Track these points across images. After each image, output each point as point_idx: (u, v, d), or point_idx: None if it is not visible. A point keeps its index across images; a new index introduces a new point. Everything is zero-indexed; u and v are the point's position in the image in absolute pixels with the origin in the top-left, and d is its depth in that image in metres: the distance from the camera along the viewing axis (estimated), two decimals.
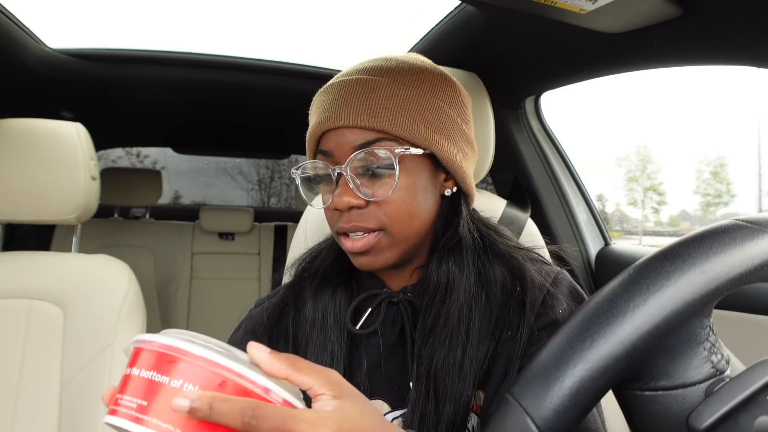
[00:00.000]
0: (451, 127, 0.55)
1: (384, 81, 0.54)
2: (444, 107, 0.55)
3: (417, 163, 0.54)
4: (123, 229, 2.15)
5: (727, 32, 0.73)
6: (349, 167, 0.52)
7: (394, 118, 0.52)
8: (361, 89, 0.53)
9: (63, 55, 1.33)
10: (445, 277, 0.54)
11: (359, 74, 0.55)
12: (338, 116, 0.52)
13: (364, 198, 0.52)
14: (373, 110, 0.52)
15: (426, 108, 0.54)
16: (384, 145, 0.52)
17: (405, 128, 0.52)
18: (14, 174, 0.98)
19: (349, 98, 0.53)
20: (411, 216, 0.53)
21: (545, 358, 0.28)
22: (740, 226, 0.28)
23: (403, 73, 0.55)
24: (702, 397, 0.28)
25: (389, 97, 0.52)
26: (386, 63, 0.57)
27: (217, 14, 1.91)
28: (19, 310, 0.94)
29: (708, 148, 5.85)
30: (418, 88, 0.54)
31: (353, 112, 0.52)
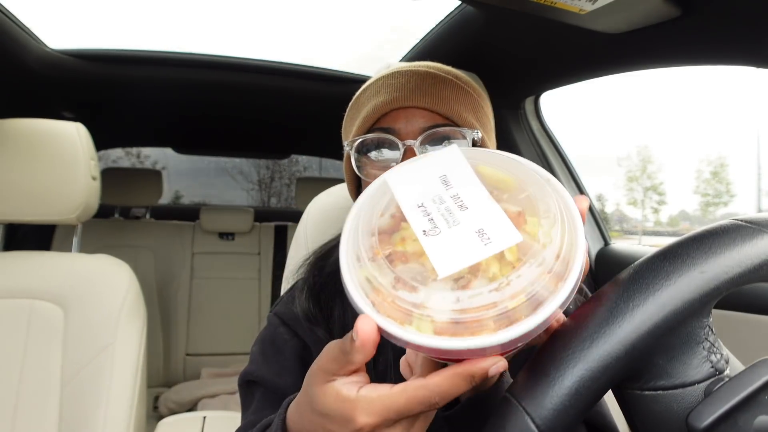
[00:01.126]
0: (491, 132, 0.64)
1: (449, 78, 0.61)
2: (489, 113, 0.65)
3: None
4: (123, 229, 2.16)
5: (727, 32, 0.73)
6: (419, 142, 0.57)
7: (459, 110, 0.59)
8: (431, 79, 0.60)
9: (63, 56, 1.33)
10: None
11: (426, 67, 0.62)
12: (413, 97, 0.58)
13: None
14: (443, 99, 0.58)
15: (478, 110, 0.62)
16: (448, 130, 0.58)
17: (466, 122, 0.59)
18: (15, 174, 0.99)
19: (422, 84, 0.59)
20: None
21: (545, 357, 0.28)
22: (739, 226, 0.28)
23: (460, 77, 0.63)
24: (701, 396, 0.28)
25: (454, 91, 0.60)
26: (444, 67, 0.64)
27: (218, 14, 1.91)
28: (20, 309, 0.94)
29: (708, 148, 5.84)
30: (472, 93, 0.62)
31: (427, 95, 0.58)
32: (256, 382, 0.62)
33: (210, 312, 2.21)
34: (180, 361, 2.16)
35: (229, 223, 2.29)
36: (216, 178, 3.61)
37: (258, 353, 0.64)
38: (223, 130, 2.20)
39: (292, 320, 0.64)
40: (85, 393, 0.90)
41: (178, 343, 2.17)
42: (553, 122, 1.35)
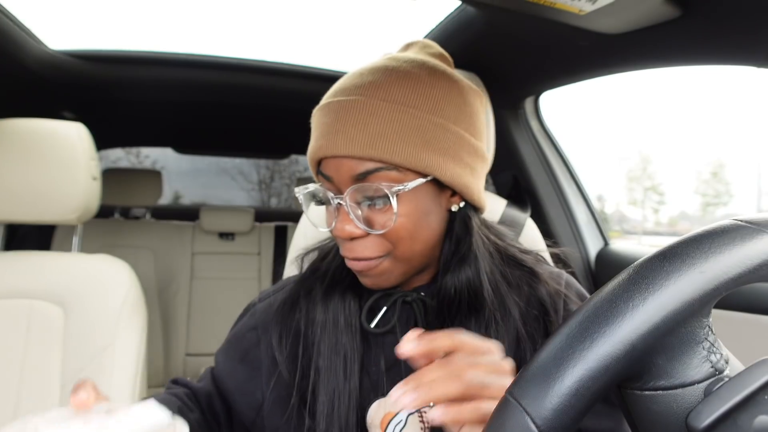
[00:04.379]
0: (456, 145, 0.52)
1: (382, 104, 0.50)
2: (448, 125, 0.51)
3: (419, 188, 0.51)
4: (123, 229, 2.16)
5: (727, 32, 0.73)
6: (349, 197, 0.50)
7: (393, 145, 0.49)
8: (357, 113, 0.50)
9: (63, 56, 1.33)
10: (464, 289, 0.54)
11: (357, 93, 0.51)
12: (336, 144, 0.50)
13: (364, 229, 0.51)
14: (370, 138, 0.49)
15: (428, 129, 0.50)
16: (383, 175, 0.49)
17: (404, 156, 0.49)
18: (15, 174, 0.99)
19: (346, 124, 0.50)
20: (413, 240, 0.52)
21: (545, 357, 0.28)
22: (739, 226, 0.28)
23: (404, 90, 0.51)
24: (701, 396, 0.28)
25: (388, 121, 0.49)
26: (385, 77, 0.52)
27: (218, 15, 1.91)
28: (20, 310, 0.94)
29: (708, 148, 5.84)
30: (420, 107, 0.50)
31: (350, 140, 0.49)
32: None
33: (210, 312, 2.21)
34: (180, 361, 2.16)
35: (229, 223, 2.29)
36: (216, 178, 3.61)
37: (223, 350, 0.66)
38: (223, 130, 2.20)
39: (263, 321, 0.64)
40: None
41: (178, 343, 2.17)
42: (554, 122, 1.35)
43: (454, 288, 0.54)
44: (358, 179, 0.50)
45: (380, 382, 0.56)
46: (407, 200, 0.51)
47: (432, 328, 0.55)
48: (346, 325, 0.57)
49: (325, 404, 0.55)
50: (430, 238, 0.54)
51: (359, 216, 0.51)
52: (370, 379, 0.57)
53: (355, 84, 0.53)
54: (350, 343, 0.57)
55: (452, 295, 0.54)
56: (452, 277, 0.55)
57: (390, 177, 0.50)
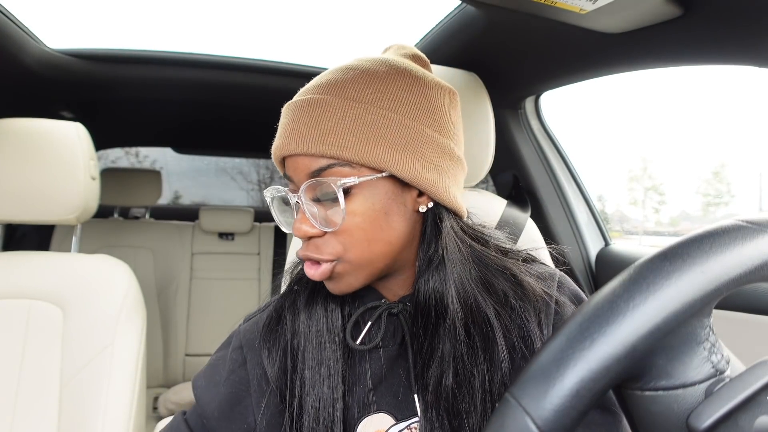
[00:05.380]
0: (416, 141, 0.50)
1: (335, 100, 0.49)
2: (406, 120, 0.50)
3: (375, 185, 0.50)
4: (123, 229, 2.15)
5: (727, 32, 0.73)
6: (303, 195, 0.50)
7: (344, 141, 0.48)
8: (311, 111, 0.49)
9: (63, 55, 1.33)
10: (431, 296, 0.52)
11: (314, 91, 0.51)
12: (290, 143, 0.50)
13: (320, 227, 0.50)
14: (321, 135, 0.48)
15: (382, 124, 0.49)
16: (335, 171, 0.48)
17: (355, 151, 0.48)
18: (14, 174, 0.98)
19: (299, 122, 0.50)
20: (370, 241, 0.50)
21: (545, 358, 0.28)
22: (740, 226, 0.28)
23: (359, 86, 0.50)
24: (702, 397, 0.28)
25: (340, 117, 0.48)
26: (343, 75, 0.51)
27: (218, 15, 1.91)
28: (19, 310, 0.94)
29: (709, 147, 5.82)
30: (374, 103, 0.49)
31: (302, 138, 0.49)
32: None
33: (210, 312, 2.21)
34: (180, 362, 2.16)
35: (229, 223, 2.29)
36: (216, 178, 3.61)
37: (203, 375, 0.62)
38: (223, 130, 2.20)
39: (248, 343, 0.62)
40: (85, 394, 0.90)
41: (178, 343, 2.17)
42: (554, 122, 1.35)
43: (424, 295, 0.53)
44: (312, 176, 0.49)
45: (369, 399, 0.55)
46: (362, 198, 0.49)
47: (417, 338, 0.53)
48: (329, 335, 0.56)
49: (310, 416, 0.54)
50: (392, 239, 0.52)
51: (314, 214, 0.50)
52: (358, 396, 0.55)
53: (315, 84, 0.53)
54: (333, 354, 0.55)
55: (423, 302, 0.53)
56: (423, 283, 0.53)
57: (343, 173, 0.48)
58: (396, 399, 0.55)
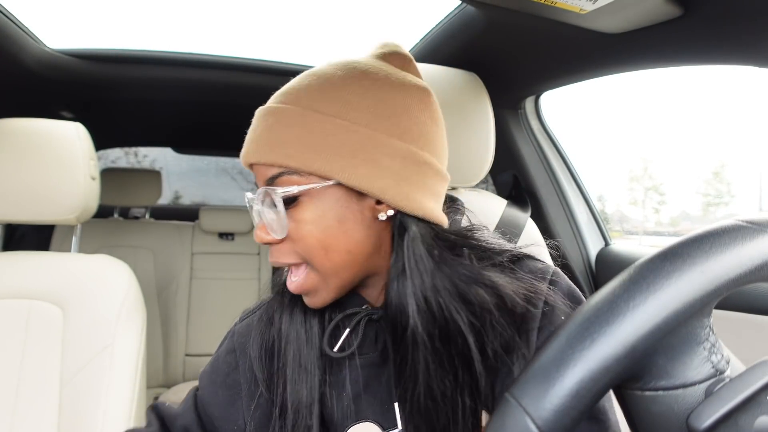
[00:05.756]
0: (367, 148, 0.48)
1: (289, 109, 0.50)
2: (356, 127, 0.49)
3: (323, 194, 0.49)
4: (123, 229, 2.16)
5: (727, 32, 0.73)
6: (258, 203, 0.51)
7: (291, 149, 0.48)
8: (267, 120, 0.51)
9: (63, 55, 1.33)
10: (396, 306, 0.51)
11: (276, 99, 0.52)
12: (248, 151, 0.51)
13: (273, 235, 0.51)
14: (272, 144, 0.49)
15: (331, 133, 0.48)
16: (284, 180, 0.49)
17: (301, 160, 0.48)
18: (14, 174, 0.98)
19: (257, 131, 0.51)
20: (326, 249, 0.50)
21: (545, 358, 0.28)
22: (740, 226, 0.28)
23: (313, 94, 0.50)
24: (702, 397, 0.28)
25: (290, 126, 0.49)
26: (303, 82, 0.52)
27: (218, 14, 1.91)
28: (19, 310, 0.94)
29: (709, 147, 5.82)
30: (324, 110, 0.49)
31: (257, 147, 0.50)
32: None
33: (210, 312, 2.21)
34: (180, 362, 2.16)
35: (229, 223, 2.29)
36: (215, 178, 3.60)
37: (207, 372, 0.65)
38: (223, 130, 2.20)
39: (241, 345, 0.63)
40: (85, 393, 0.90)
41: (178, 343, 2.17)
42: (554, 122, 1.35)
43: (391, 304, 0.51)
44: (266, 184, 0.50)
45: (351, 406, 0.55)
46: (312, 206, 0.49)
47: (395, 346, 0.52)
48: (309, 343, 0.56)
49: (289, 417, 0.54)
50: (350, 247, 0.51)
51: (270, 221, 0.51)
52: (342, 402, 0.55)
53: (280, 91, 0.54)
54: (314, 363, 0.55)
55: (392, 311, 0.51)
56: (390, 292, 0.51)
57: (292, 182, 0.49)
58: (382, 407, 0.55)
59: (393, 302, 0.51)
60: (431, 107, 0.54)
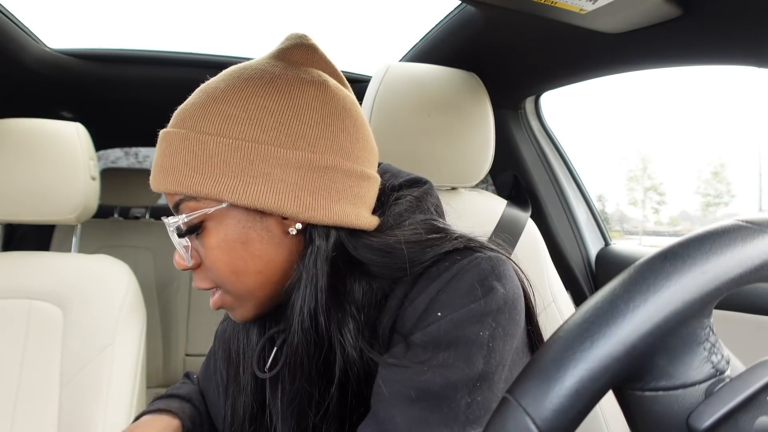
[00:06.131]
0: (256, 163, 0.45)
1: (177, 133, 0.47)
2: (241, 143, 0.45)
3: (222, 217, 0.47)
4: (123, 229, 2.16)
5: (728, 32, 0.73)
6: (170, 230, 0.49)
7: (180, 176, 0.46)
8: (161, 147, 0.49)
9: (63, 55, 1.33)
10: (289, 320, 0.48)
11: (170, 123, 0.51)
12: (151, 180, 0.49)
13: (185, 261, 0.50)
14: (164, 171, 0.47)
15: (215, 153, 0.45)
16: (184, 207, 0.47)
17: (190, 185, 0.45)
18: (14, 174, 0.98)
19: (156, 158, 0.49)
20: (236, 273, 0.48)
21: (545, 358, 0.28)
22: (740, 226, 0.28)
23: (198, 112, 0.47)
24: (702, 397, 0.28)
25: (177, 151, 0.46)
26: (192, 100, 0.50)
27: (218, 14, 1.91)
28: (19, 310, 0.94)
29: (709, 148, 5.83)
30: (207, 130, 0.46)
31: (154, 175, 0.49)
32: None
33: (210, 312, 2.20)
34: (180, 362, 2.16)
35: None
36: None
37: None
38: None
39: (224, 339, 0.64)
40: (85, 393, 0.90)
41: (178, 343, 2.17)
42: (554, 122, 1.35)
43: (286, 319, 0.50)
44: (175, 212, 0.49)
45: (276, 426, 0.54)
46: (214, 231, 0.47)
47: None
48: (244, 355, 0.57)
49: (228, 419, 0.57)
50: (260, 268, 0.48)
51: (184, 248, 0.50)
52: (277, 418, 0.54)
53: (174, 113, 0.51)
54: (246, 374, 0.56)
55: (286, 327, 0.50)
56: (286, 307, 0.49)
57: (190, 207, 0.47)
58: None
59: (288, 317, 0.48)
60: (331, 103, 0.49)
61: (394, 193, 0.54)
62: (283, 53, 0.52)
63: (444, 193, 1.01)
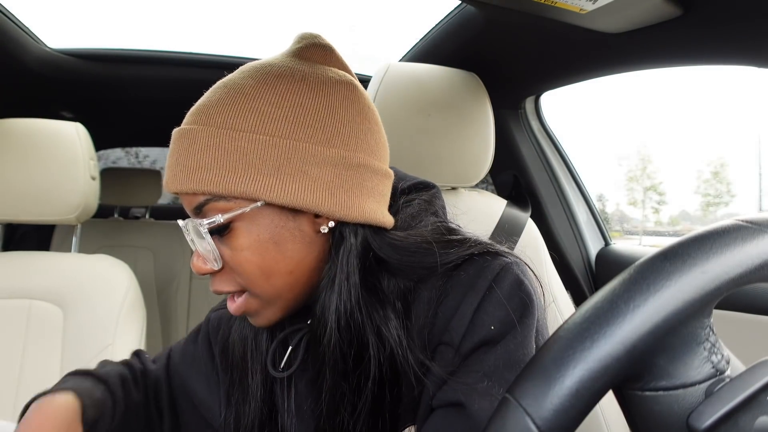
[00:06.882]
0: (292, 161, 0.44)
1: (201, 129, 0.45)
2: (276, 140, 0.44)
3: (255, 216, 0.46)
4: (123, 229, 2.16)
5: (728, 32, 0.73)
6: (191, 232, 0.48)
7: (211, 175, 0.44)
8: (181, 145, 0.46)
9: (63, 55, 1.33)
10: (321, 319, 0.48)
11: (187, 120, 0.48)
12: (169, 181, 0.47)
13: (210, 265, 0.48)
14: (189, 170, 0.44)
15: (249, 150, 0.44)
16: (212, 207, 0.45)
17: (223, 185, 0.44)
18: (14, 174, 0.99)
19: (174, 158, 0.47)
20: (267, 275, 0.47)
21: (546, 358, 0.28)
22: (740, 226, 0.28)
23: (224, 109, 0.46)
24: (702, 397, 0.28)
25: (204, 149, 0.44)
26: (213, 96, 0.48)
27: (218, 14, 1.91)
28: (19, 310, 0.94)
29: (708, 148, 5.85)
30: (239, 127, 0.44)
31: (175, 176, 0.46)
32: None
33: None
34: None
35: None
36: None
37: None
38: None
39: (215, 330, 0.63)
40: None
41: None
42: (554, 122, 1.35)
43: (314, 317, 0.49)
44: (196, 213, 0.46)
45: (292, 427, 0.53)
46: (245, 231, 0.46)
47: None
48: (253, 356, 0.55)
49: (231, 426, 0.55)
50: (291, 268, 0.47)
51: (205, 250, 0.48)
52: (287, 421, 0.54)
53: (191, 110, 0.49)
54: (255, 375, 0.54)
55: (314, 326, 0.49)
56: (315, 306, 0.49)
57: (219, 208, 0.45)
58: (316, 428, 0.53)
59: (317, 316, 0.48)
60: (359, 102, 0.49)
61: (403, 196, 0.54)
62: (302, 52, 0.51)
63: (444, 193, 1.01)
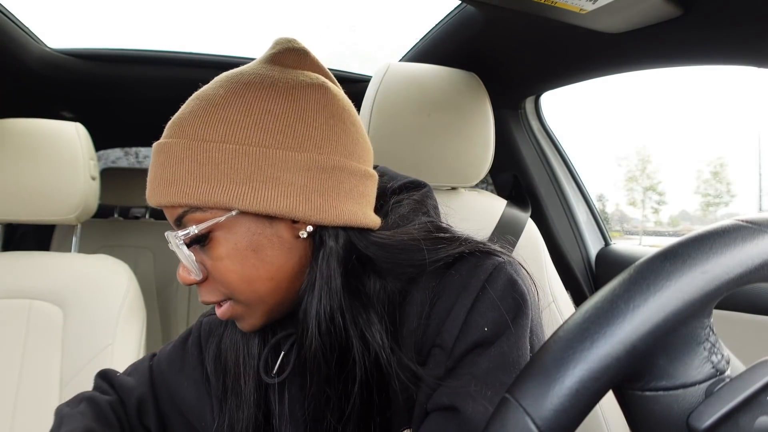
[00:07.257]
0: (263, 168, 0.44)
1: (175, 143, 0.46)
2: (246, 148, 0.44)
3: (231, 225, 0.46)
4: (123, 229, 2.16)
5: (727, 32, 0.73)
6: (173, 243, 0.48)
7: (185, 187, 0.44)
8: (158, 159, 0.47)
9: (63, 55, 1.33)
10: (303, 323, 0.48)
11: (164, 134, 0.49)
12: (149, 194, 0.48)
13: (194, 275, 0.49)
14: (165, 183, 0.45)
15: (220, 160, 0.44)
16: (190, 219, 0.46)
17: (196, 196, 0.44)
18: (14, 174, 0.99)
19: (153, 172, 0.47)
20: (248, 282, 0.47)
21: (545, 357, 0.28)
22: (740, 226, 0.28)
23: (197, 121, 0.46)
24: (702, 397, 0.28)
25: (179, 162, 0.45)
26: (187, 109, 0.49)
27: (218, 14, 1.91)
28: (19, 310, 0.94)
29: (708, 148, 5.84)
30: (209, 138, 0.45)
31: (154, 189, 0.47)
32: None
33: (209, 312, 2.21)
34: None
35: None
36: None
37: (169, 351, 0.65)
38: None
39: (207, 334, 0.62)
40: None
41: None
42: (554, 122, 1.35)
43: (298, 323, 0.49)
44: (177, 225, 0.47)
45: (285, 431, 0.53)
46: (223, 240, 0.46)
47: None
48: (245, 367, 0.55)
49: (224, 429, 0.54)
50: (272, 274, 0.47)
51: (189, 261, 0.48)
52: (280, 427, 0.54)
53: (169, 123, 0.50)
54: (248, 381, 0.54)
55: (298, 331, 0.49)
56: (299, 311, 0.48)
57: (197, 219, 0.46)
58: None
59: (300, 320, 0.48)
60: (332, 104, 0.49)
61: (394, 196, 0.54)
62: (275, 58, 0.52)
63: (444, 193, 1.01)
